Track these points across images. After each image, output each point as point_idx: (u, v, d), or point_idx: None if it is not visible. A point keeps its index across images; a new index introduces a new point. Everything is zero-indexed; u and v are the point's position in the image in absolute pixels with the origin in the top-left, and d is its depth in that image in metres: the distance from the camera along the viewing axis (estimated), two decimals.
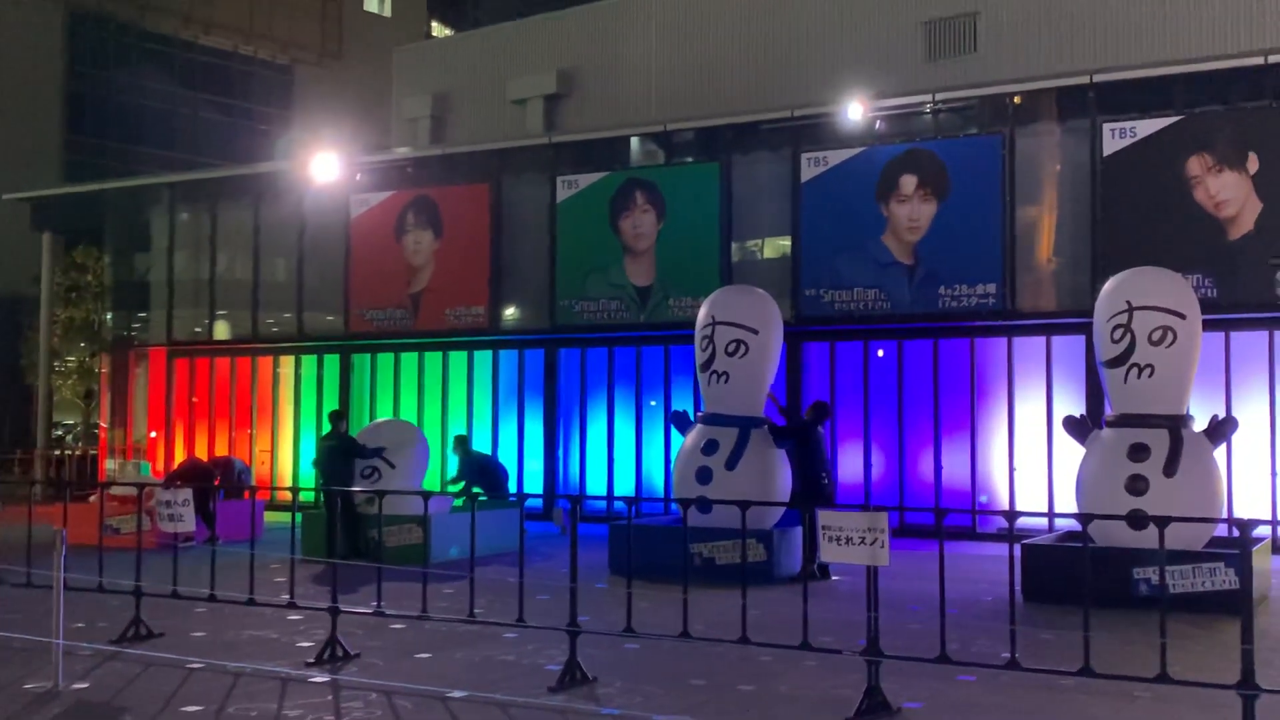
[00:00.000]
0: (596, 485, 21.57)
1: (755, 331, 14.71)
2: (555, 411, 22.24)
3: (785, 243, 20.59)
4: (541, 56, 29.72)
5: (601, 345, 21.81)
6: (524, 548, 9.71)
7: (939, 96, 19.66)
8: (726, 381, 14.67)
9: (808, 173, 19.95)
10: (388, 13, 59.36)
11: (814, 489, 13.96)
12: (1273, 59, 17.16)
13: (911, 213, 19.12)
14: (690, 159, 21.98)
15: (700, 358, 15.01)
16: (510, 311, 22.84)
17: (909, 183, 19.14)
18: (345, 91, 52.77)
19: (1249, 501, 16.57)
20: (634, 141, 22.66)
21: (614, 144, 22.63)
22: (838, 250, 19.64)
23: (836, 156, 19.79)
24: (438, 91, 31.62)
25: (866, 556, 7.61)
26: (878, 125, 19.80)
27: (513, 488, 21.74)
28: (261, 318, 25.17)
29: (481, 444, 22.58)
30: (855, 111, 19.38)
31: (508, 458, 22.41)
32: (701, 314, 15.25)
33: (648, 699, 8.22)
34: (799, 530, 13.93)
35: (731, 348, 14.67)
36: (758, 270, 20.84)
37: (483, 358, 22.96)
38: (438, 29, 60.92)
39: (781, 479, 14.39)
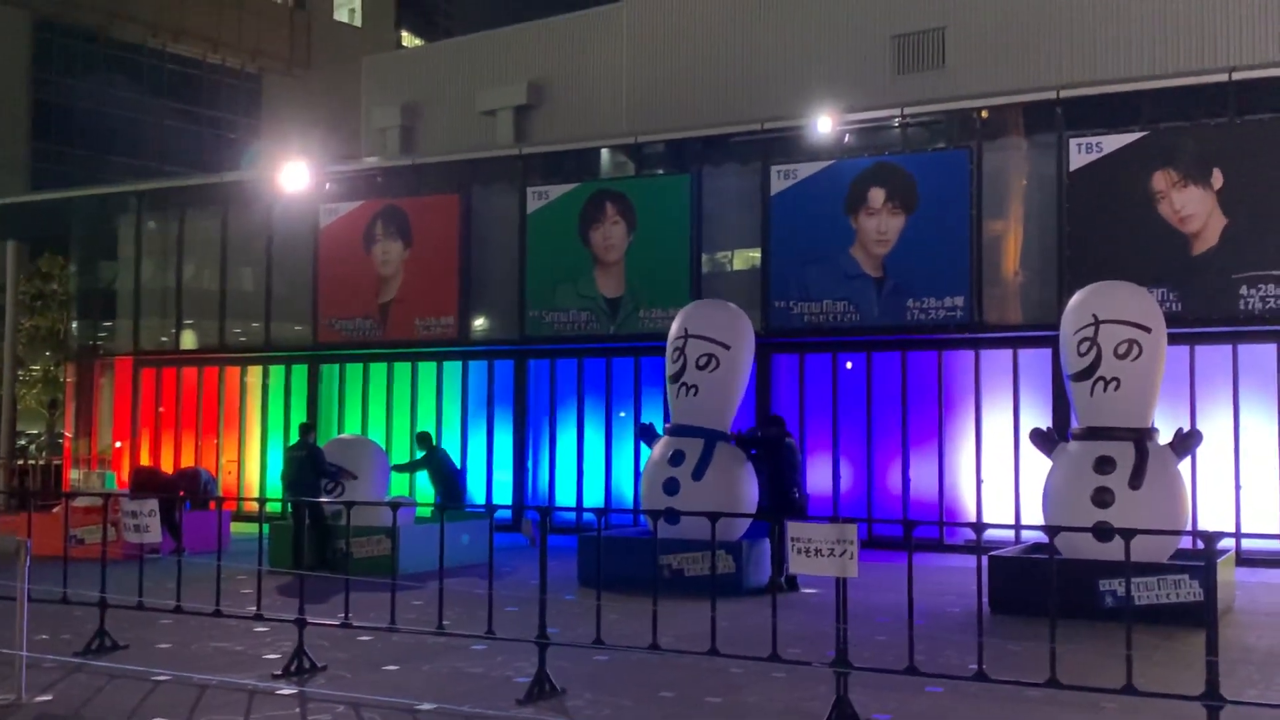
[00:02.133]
0: (566, 497, 21.54)
1: (727, 347, 14.73)
2: (525, 422, 22.20)
3: (755, 255, 20.66)
4: (512, 67, 29.74)
5: (571, 356, 21.80)
6: (493, 559, 9.68)
7: (907, 110, 19.79)
8: (695, 394, 14.68)
9: (777, 185, 20.03)
10: (357, 22, 59.24)
11: (785, 502, 13.98)
12: (1236, 76, 17.40)
13: (880, 226, 19.23)
14: (660, 171, 22.03)
15: (671, 369, 15.02)
16: (480, 322, 22.80)
17: (877, 196, 19.25)
18: (314, 101, 52.61)
19: (1213, 514, 16.72)
20: (604, 153, 22.69)
21: (584, 155, 22.65)
22: (807, 262, 19.72)
23: (806, 169, 19.88)
24: (407, 101, 31.57)
25: (835, 568, 7.63)
26: (847, 138, 19.92)
27: (481, 499, 21.70)
28: (229, 327, 25.01)
29: (451, 455, 22.49)
30: (824, 125, 19.50)
31: (477, 469, 22.36)
32: (674, 326, 15.26)
33: (617, 711, 8.21)
34: (767, 542, 13.95)
35: (703, 361, 14.68)
36: (727, 282, 20.91)
37: (452, 368, 22.91)
38: (408, 39, 60.86)
39: (748, 490, 14.42)
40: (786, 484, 14.17)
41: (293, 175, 22.37)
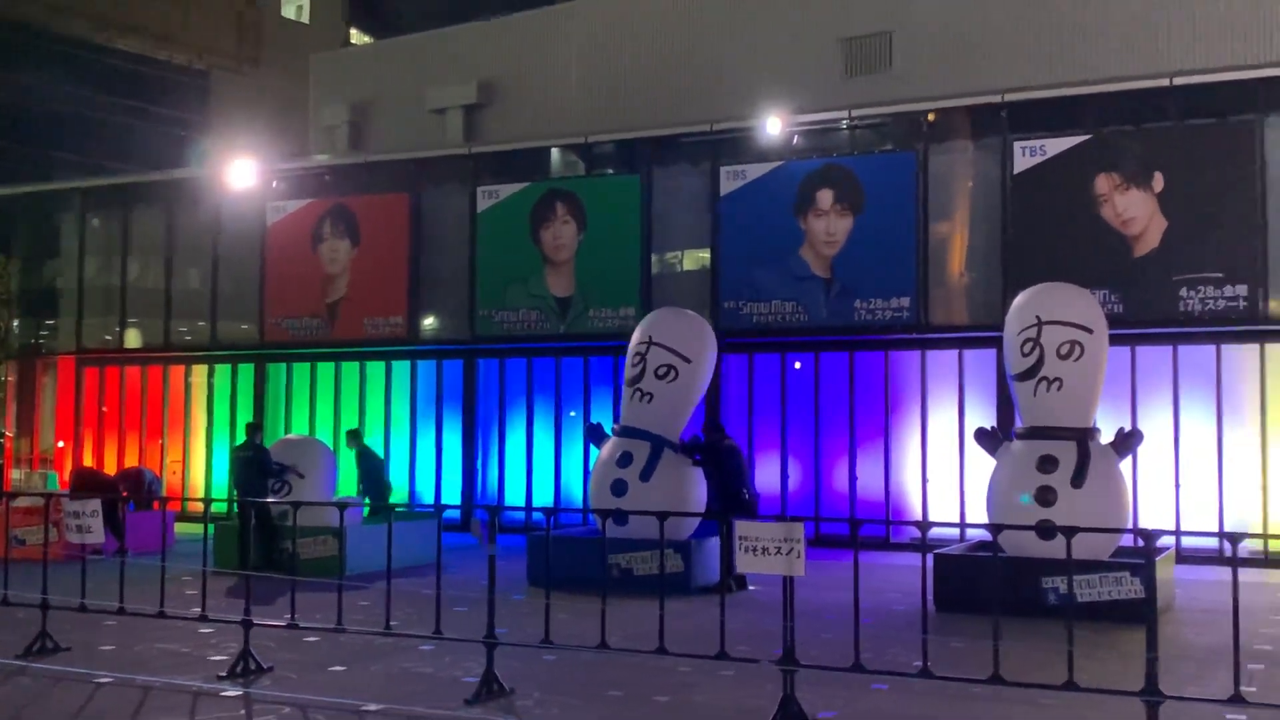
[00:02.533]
0: (515, 496, 21.50)
1: (688, 360, 14.79)
2: (474, 422, 22.13)
3: (705, 255, 20.74)
4: (462, 66, 29.59)
5: (521, 356, 21.77)
6: (441, 559, 9.66)
7: (855, 113, 19.96)
8: (649, 401, 14.72)
9: (727, 186, 20.13)
10: (306, 19, 58.76)
11: (735, 503, 14.03)
12: (1178, 81, 17.69)
13: (828, 227, 19.37)
14: (611, 171, 22.06)
15: (630, 373, 15.04)
16: (429, 321, 22.71)
17: (826, 197, 19.40)
18: (262, 98, 52.11)
19: (1154, 512, 16.99)
20: (555, 153, 22.68)
21: (535, 155, 22.63)
22: (756, 263, 19.83)
23: (755, 170, 19.99)
24: (356, 100, 31.34)
25: (782, 566, 7.69)
26: (795, 140, 20.05)
27: (430, 499, 21.63)
28: (174, 326, 24.74)
29: (399, 455, 22.42)
30: (774, 126, 19.61)
31: (425, 468, 22.28)
32: (639, 331, 15.30)
33: (565, 710, 8.22)
34: (716, 541, 14.01)
35: (662, 371, 14.71)
36: (677, 282, 20.98)
37: (401, 368, 22.79)
38: (357, 37, 60.41)
39: (696, 491, 14.48)
40: (735, 485, 14.22)
41: (240, 173, 22.17)
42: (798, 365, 19.93)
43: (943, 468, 18.64)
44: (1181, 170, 17.30)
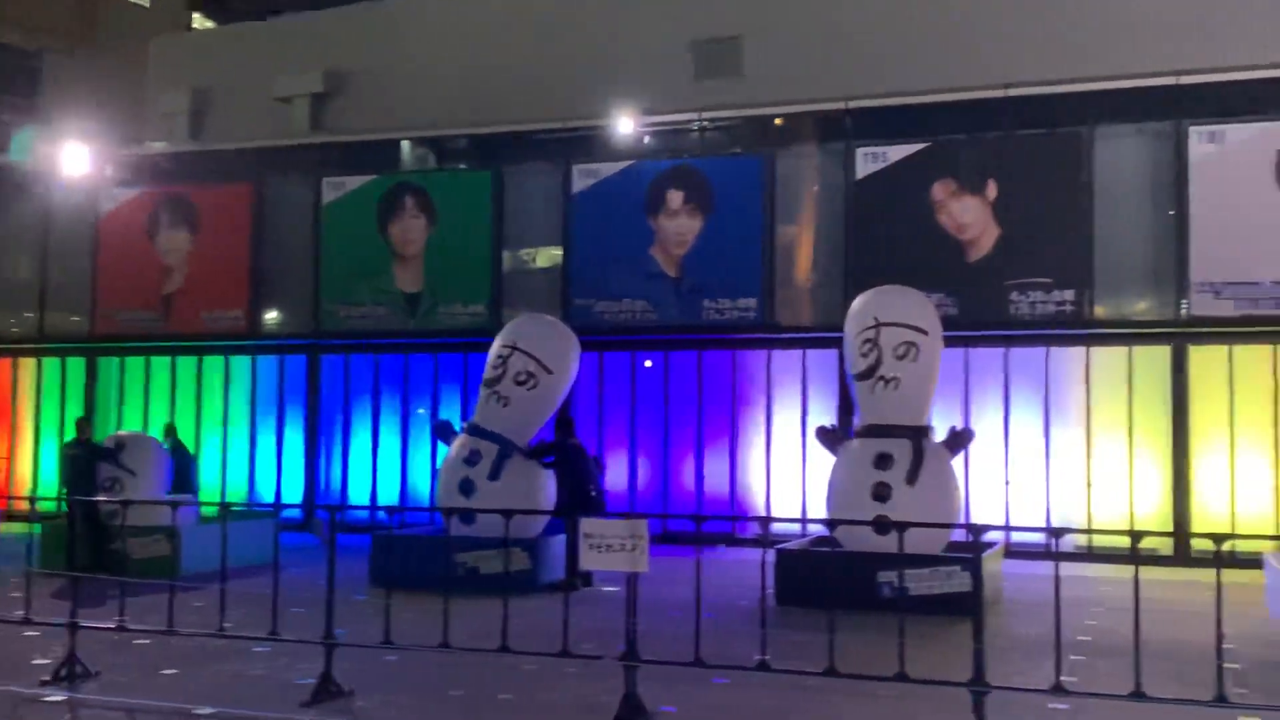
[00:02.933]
0: (360, 495, 21.16)
1: (550, 371, 14.75)
2: (317, 420, 21.70)
3: (557, 253, 20.74)
4: (309, 54, 28.91)
5: (368, 352, 21.43)
6: (280, 559, 9.45)
7: (705, 115, 20.23)
8: (505, 406, 14.65)
9: (579, 184, 20.16)
10: (146, 2, 56.78)
11: (582, 502, 14.05)
12: (1012, 92, 18.35)
13: (678, 227, 19.57)
14: (463, 165, 21.89)
15: (489, 374, 14.95)
16: (271, 316, 22.19)
17: (676, 198, 19.60)
18: (99, 83, 50.12)
19: (985, 508, 17.62)
20: (405, 145, 22.40)
21: (384, 147, 22.32)
22: (608, 262, 19.92)
23: (608, 169, 20.08)
24: (198, 86, 30.34)
25: (627, 563, 7.74)
26: (647, 140, 20.20)
27: (270, 497, 21.14)
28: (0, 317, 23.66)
29: (238, 453, 21.87)
30: (625, 126, 19.73)
31: (266, 467, 21.76)
32: (505, 334, 15.21)
33: (405, 711, 8.14)
34: (564, 539, 14.02)
35: (522, 378, 14.64)
36: (529, 280, 20.93)
37: (240, 363, 22.21)
38: (199, 21, 58.60)
39: (545, 490, 14.47)
40: (582, 483, 14.26)
41: (72, 159, 21.31)
42: (648, 364, 20.08)
43: (786, 465, 19.00)
44: (1014, 179, 17.98)
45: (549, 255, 21.07)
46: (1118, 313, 17.79)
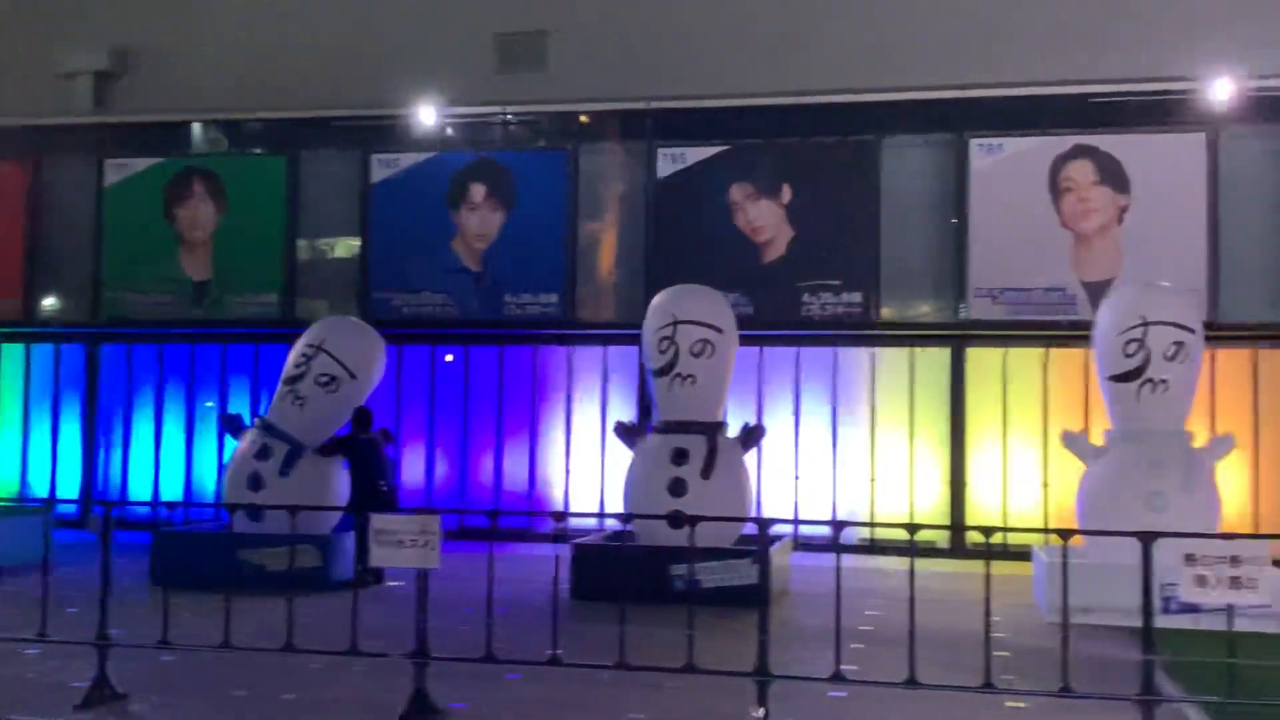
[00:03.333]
0: (142, 491, 20.28)
1: (354, 376, 14.48)
2: (96, 411, 20.70)
3: (355, 243, 20.33)
4: (95, 30, 27.55)
5: (151, 341, 20.55)
6: (57, 557, 9.00)
7: (509, 109, 20.15)
8: (303, 407, 14.34)
9: (379, 174, 19.82)
10: None
11: (372, 497, 13.84)
12: (807, 100, 18.89)
13: (480, 221, 19.46)
14: (257, 150, 21.22)
15: (289, 372, 14.57)
16: (48, 302, 21.07)
17: (478, 191, 19.48)
18: None
19: (776, 502, 18.10)
20: (195, 128, 21.59)
21: (172, 129, 21.47)
22: (407, 254, 19.64)
23: (408, 160, 19.81)
24: None
25: (417, 559, 7.67)
26: (449, 132, 20.00)
27: (44, 491, 20.12)
28: None
29: (9, 446, 20.71)
30: (427, 117, 19.49)
31: (40, 460, 20.65)
32: (311, 333, 14.84)
33: (184, 713, 7.86)
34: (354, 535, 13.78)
35: (324, 380, 14.35)
36: (326, 270, 20.47)
37: (12, 351, 21.00)
38: None
39: (336, 486, 14.19)
40: (372, 478, 14.05)
41: None
42: (449, 358, 19.89)
43: (586, 460, 19.12)
44: (808, 184, 18.54)
45: (346, 245, 20.63)
46: (902, 315, 18.53)
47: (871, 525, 14.62)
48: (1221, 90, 17.14)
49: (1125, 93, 17.76)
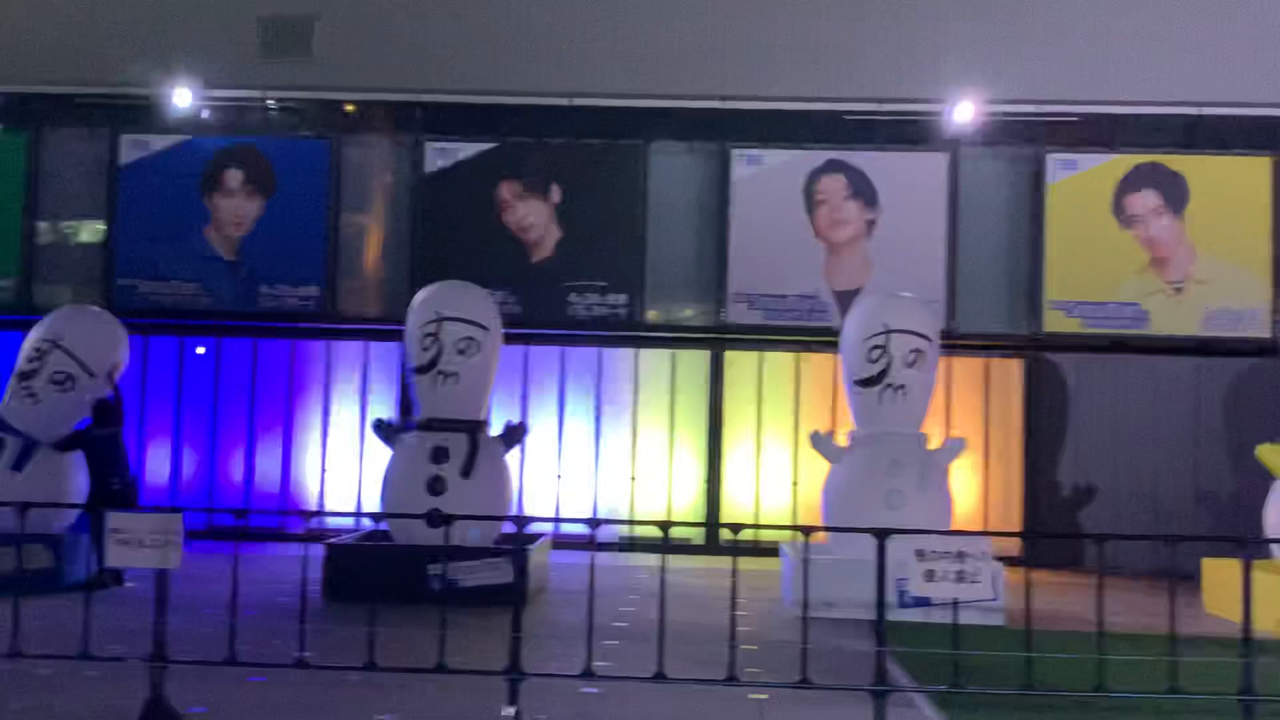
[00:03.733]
0: None
1: (92, 375, 13.74)
2: None
3: (100, 227, 19.32)
4: None
5: None
6: None
7: (271, 94, 19.56)
8: (37, 404, 13.57)
9: (128, 155, 18.93)
10: None
11: (104, 494, 13.21)
12: (578, 101, 19.03)
13: (236, 208, 18.83)
14: None
15: (23, 366, 13.75)
16: None
17: (235, 177, 18.84)
18: None
19: (538, 501, 18.20)
20: None
21: None
22: (158, 240, 18.82)
23: (160, 142, 18.99)
24: None
25: (157, 559, 7.37)
26: (205, 115, 19.25)
27: None
28: None
29: None
30: (183, 98, 18.71)
31: None
32: (45, 327, 14.02)
33: None
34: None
35: (60, 378, 13.60)
36: (69, 255, 19.39)
37: None
38: None
39: (74, 483, 13.48)
40: (105, 475, 13.42)
41: None
42: (200, 350, 19.15)
43: (344, 458, 18.74)
44: (576, 185, 18.70)
45: (91, 229, 19.57)
46: (665, 318, 18.91)
47: (630, 523, 14.89)
48: (962, 113, 18.20)
49: (876, 111, 18.66)
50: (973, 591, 7.69)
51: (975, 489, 18.15)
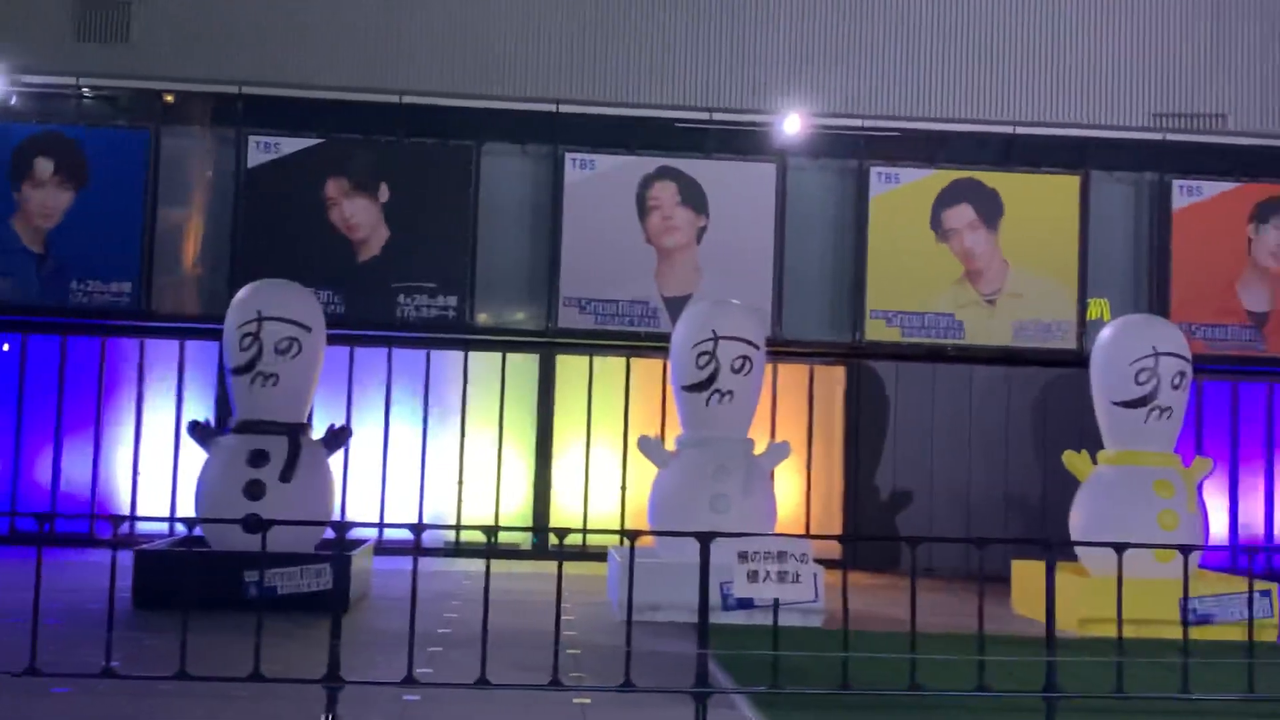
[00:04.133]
0: None
1: None
2: None
3: None
4: None
5: None
6: None
7: (85, 82, 18.74)
8: None
9: None
10: None
11: None
12: (408, 100, 18.74)
13: (46, 199, 17.99)
14: None
15: None
16: None
17: (45, 167, 18.00)
18: None
19: (362, 505, 17.86)
20: None
21: None
22: None
23: None
24: None
25: None
26: (14, 101, 18.32)
27: None
28: None
29: None
30: None
31: None
32: None
33: None
34: None
35: None
36: None
37: None
38: None
39: None
40: None
41: None
42: (5, 347, 18.22)
43: (157, 461, 18.06)
44: (406, 184, 18.42)
45: None
46: (495, 321, 18.77)
47: (456, 528, 14.75)
48: (790, 124, 18.58)
49: (708, 121, 18.89)
50: (794, 593, 7.85)
51: (799, 493, 18.55)
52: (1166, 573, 9.90)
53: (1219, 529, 18.63)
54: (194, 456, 14.70)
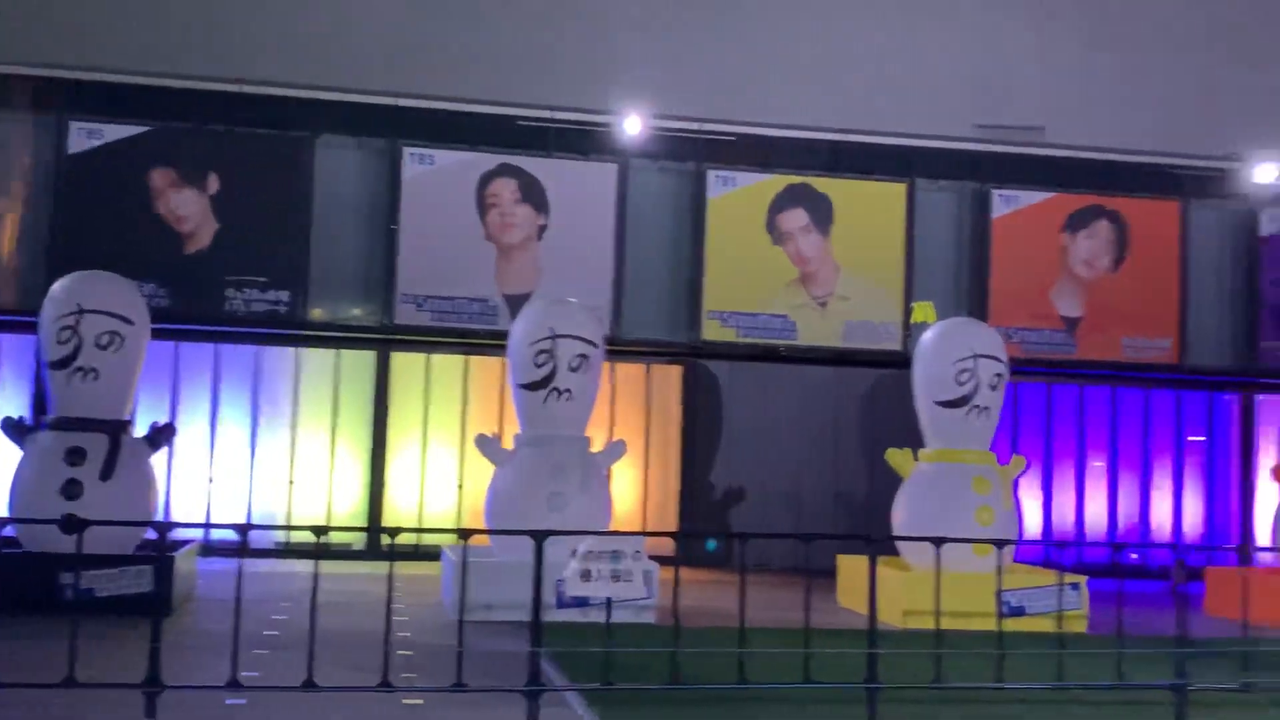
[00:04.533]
0: None
1: None
2: None
3: None
4: None
5: None
6: None
7: None
8: None
9: None
10: None
11: None
12: (245, 89, 18.25)
13: None
14: None
15: None
16: None
17: None
18: None
19: (188, 505, 17.33)
20: None
21: None
22: None
23: None
24: None
25: None
26: None
27: None
28: None
29: None
30: None
31: None
32: None
33: None
34: None
35: None
36: None
37: None
38: None
39: None
40: None
41: None
42: None
43: None
44: (237, 175, 17.95)
45: None
46: (330, 317, 18.43)
47: (286, 529, 14.42)
48: (631, 126, 18.73)
49: (549, 119, 18.90)
50: (627, 590, 7.94)
51: (635, 490, 18.72)
52: (983, 567, 10.32)
53: (1033, 524, 19.52)
54: (8, 453, 14.09)
